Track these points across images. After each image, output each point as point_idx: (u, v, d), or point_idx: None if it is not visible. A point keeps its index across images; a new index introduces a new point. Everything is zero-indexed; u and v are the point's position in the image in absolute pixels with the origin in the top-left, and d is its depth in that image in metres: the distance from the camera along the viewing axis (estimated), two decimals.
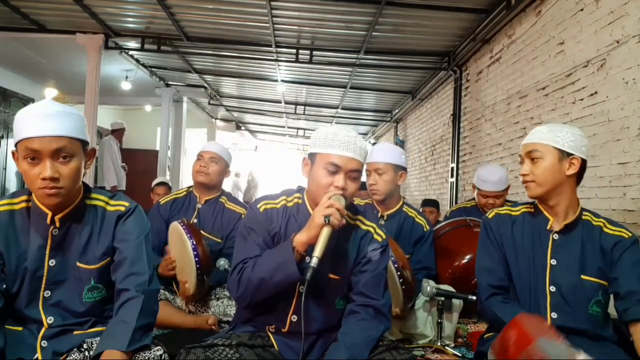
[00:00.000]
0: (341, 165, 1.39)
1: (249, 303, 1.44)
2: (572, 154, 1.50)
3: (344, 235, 1.47)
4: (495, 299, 1.55)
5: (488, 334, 1.63)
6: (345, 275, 1.48)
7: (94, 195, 1.39)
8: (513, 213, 1.65)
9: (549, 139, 1.52)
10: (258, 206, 1.50)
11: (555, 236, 1.55)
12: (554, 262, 1.54)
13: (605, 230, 1.56)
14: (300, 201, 1.52)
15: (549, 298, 1.52)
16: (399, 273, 1.96)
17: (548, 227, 1.57)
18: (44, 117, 1.21)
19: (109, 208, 1.38)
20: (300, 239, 1.35)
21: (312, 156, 1.46)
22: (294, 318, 1.44)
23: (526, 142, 1.57)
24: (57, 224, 1.32)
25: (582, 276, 1.51)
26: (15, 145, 1.26)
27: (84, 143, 1.30)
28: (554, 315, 1.50)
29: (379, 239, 1.52)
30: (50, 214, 1.31)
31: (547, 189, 1.53)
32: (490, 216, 1.67)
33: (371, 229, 1.53)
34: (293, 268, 1.31)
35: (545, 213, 1.58)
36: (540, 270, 1.55)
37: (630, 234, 1.55)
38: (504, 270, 1.60)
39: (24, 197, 1.35)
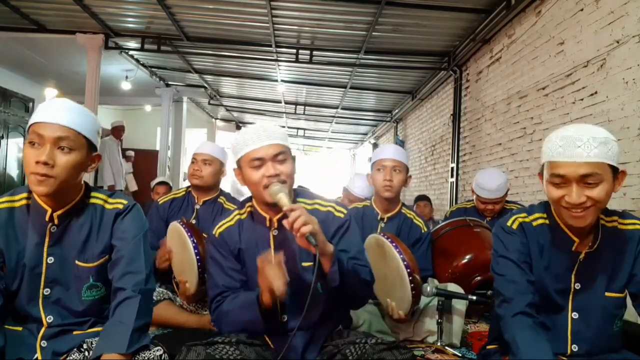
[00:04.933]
0: (263, 156, 1.41)
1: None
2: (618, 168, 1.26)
3: None
4: (526, 320, 1.29)
5: (492, 345, 1.55)
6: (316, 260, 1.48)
7: (93, 194, 1.40)
8: (533, 223, 1.40)
9: (603, 156, 1.23)
10: (214, 232, 1.54)
11: (582, 257, 1.35)
12: (578, 286, 1.36)
13: (621, 227, 1.37)
14: (251, 209, 1.54)
15: (570, 326, 1.36)
16: (410, 278, 1.93)
17: (573, 249, 1.35)
18: (60, 108, 1.27)
19: (107, 206, 1.39)
20: (265, 299, 1.35)
21: (238, 165, 1.49)
22: (285, 318, 1.46)
23: (576, 162, 1.22)
24: (56, 221, 1.32)
25: (607, 294, 1.35)
26: (27, 131, 1.30)
27: (90, 145, 1.32)
28: (575, 347, 1.36)
29: (341, 215, 1.53)
30: (49, 210, 1.31)
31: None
32: (514, 226, 1.40)
33: (331, 209, 1.54)
34: (260, 327, 1.38)
35: (568, 232, 1.35)
36: (560, 294, 1.37)
37: None
38: (534, 283, 1.36)
39: (24, 195, 1.35)
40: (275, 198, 1.36)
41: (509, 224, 1.41)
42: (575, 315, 1.37)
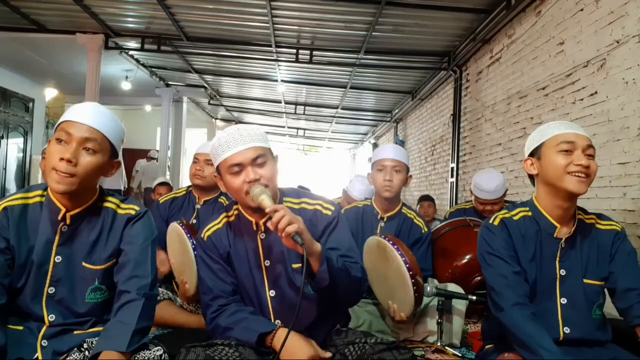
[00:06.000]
0: (241, 161, 1.37)
1: None
2: None
3: None
4: (522, 311, 1.37)
5: (489, 345, 1.58)
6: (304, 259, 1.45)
7: (107, 198, 1.41)
8: (514, 218, 1.51)
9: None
10: (202, 236, 1.52)
11: (563, 244, 1.46)
12: (563, 272, 1.45)
13: (598, 226, 1.50)
14: (237, 212, 1.52)
15: (560, 312, 1.44)
16: (413, 281, 1.91)
17: (555, 235, 1.46)
18: (91, 111, 1.31)
19: (119, 211, 1.39)
20: (276, 344, 1.34)
21: (218, 171, 1.46)
22: (278, 322, 1.45)
23: (581, 134, 1.42)
24: (68, 221, 1.33)
25: (585, 280, 1.45)
26: (55, 129, 1.32)
27: (114, 150, 1.35)
28: (567, 330, 1.43)
29: (329, 213, 1.50)
30: (63, 209, 1.32)
31: None
32: (496, 223, 1.50)
33: (318, 206, 1.51)
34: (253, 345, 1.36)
35: (550, 218, 1.47)
36: (548, 282, 1.46)
37: (620, 227, 1.50)
38: (522, 273, 1.45)
39: (39, 192, 1.37)
40: (257, 201, 1.33)
41: (491, 221, 1.52)
42: (564, 300, 1.45)
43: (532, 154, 1.49)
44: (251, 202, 1.37)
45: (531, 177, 1.53)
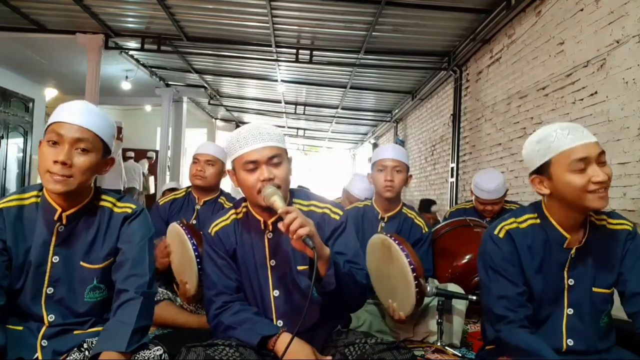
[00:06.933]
0: (257, 159, 1.38)
1: None
2: None
3: None
4: (520, 329, 1.34)
5: (490, 346, 1.56)
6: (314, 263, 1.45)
7: (103, 197, 1.41)
8: (520, 226, 1.41)
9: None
10: (209, 231, 1.52)
11: (573, 254, 1.38)
12: (571, 281, 1.39)
13: (610, 226, 1.41)
14: (245, 210, 1.52)
15: (565, 322, 1.39)
16: (416, 282, 1.90)
17: (565, 246, 1.38)
18: (80, 110, 1.30)
19: (116, 210, 1.39)
20: (279, 348, 1.33)
21: (232, 166, 1.46)
22: (280, 323, 1.45)
23: (590, 142, 1.29)
24: (64, 221, 1.33)
25: (594, 289, 1.39)
26: (45, 130, 1.31)
27: (106, 148, 1.34)
28: (570, 342, 1.38)
29: (337, 217, 1.50)
30: (59, 210, 1.32)
31: None
32: (501, 235, 1.40)
33: (327, 210, 1.51)
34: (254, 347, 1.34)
35: (561, 230, 1.38)
36: (555, 292, 1.40)
37: (631, 225, 1.42)
38: (526, 292, 1.38)
39: (34, 193, 1.36)
40: (269, 201, 1.33)
41: (496, 232, 1.42)
42: (570, 311, 1.39)
43: (539, 172, 1.36)
44: (262, 201, 1.37)
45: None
